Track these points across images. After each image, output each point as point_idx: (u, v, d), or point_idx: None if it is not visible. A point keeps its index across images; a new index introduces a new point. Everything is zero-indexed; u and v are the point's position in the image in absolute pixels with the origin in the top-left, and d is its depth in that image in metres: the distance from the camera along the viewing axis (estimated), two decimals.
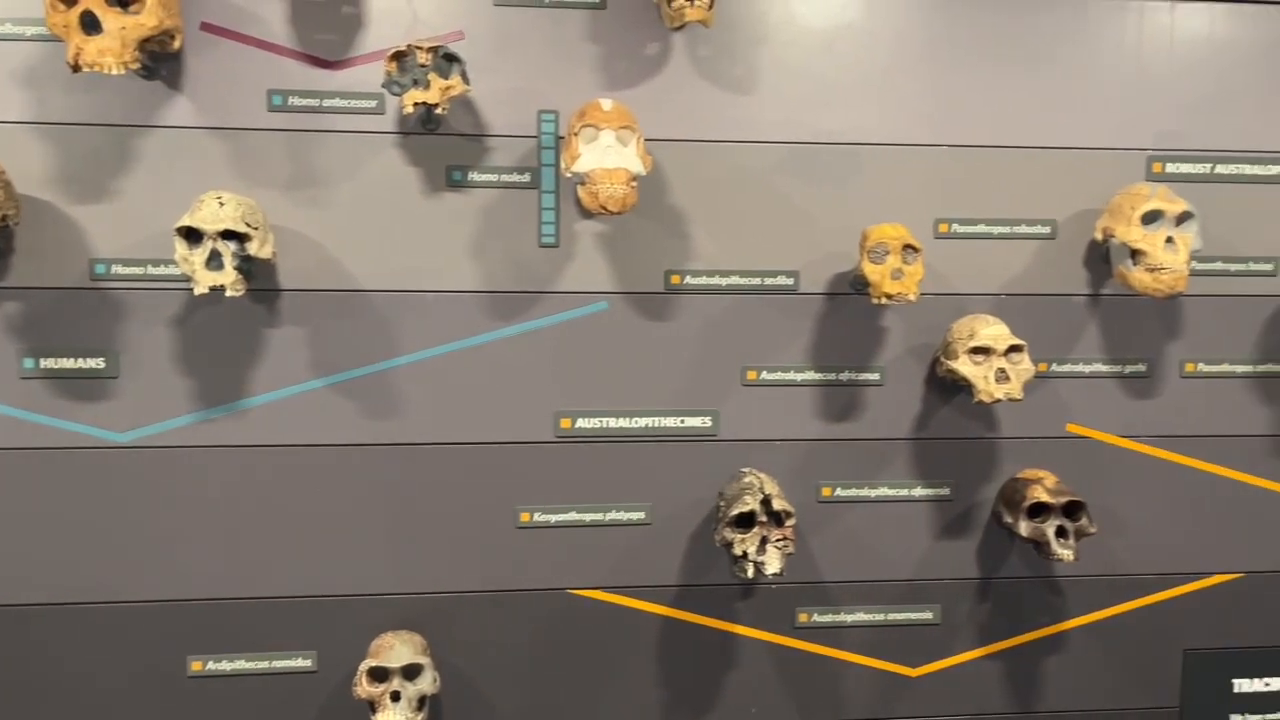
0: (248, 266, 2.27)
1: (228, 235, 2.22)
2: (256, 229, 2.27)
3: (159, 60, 2.35)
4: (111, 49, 2.11)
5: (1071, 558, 2.49)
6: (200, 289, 2.20)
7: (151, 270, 2.42)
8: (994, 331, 2.46)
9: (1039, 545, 2.54)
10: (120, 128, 2.39)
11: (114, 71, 2.11)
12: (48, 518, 2.47)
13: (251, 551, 2.55)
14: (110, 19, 2.11)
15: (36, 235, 2.39)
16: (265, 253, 2.30)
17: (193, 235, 2.22)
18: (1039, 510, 2.54)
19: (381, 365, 2.53)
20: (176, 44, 2.29)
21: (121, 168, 2.40)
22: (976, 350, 2.46)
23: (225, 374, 2.48)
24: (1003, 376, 2.43)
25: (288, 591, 2.57)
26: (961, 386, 2.55)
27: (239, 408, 2.49)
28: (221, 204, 2.23)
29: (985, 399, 2.43)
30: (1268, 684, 2.87)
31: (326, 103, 2.44)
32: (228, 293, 2.22)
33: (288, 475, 2.53)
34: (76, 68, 2.12)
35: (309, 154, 2.45)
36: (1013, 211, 2.65)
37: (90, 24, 2.12)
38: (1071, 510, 2.54)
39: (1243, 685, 2.87)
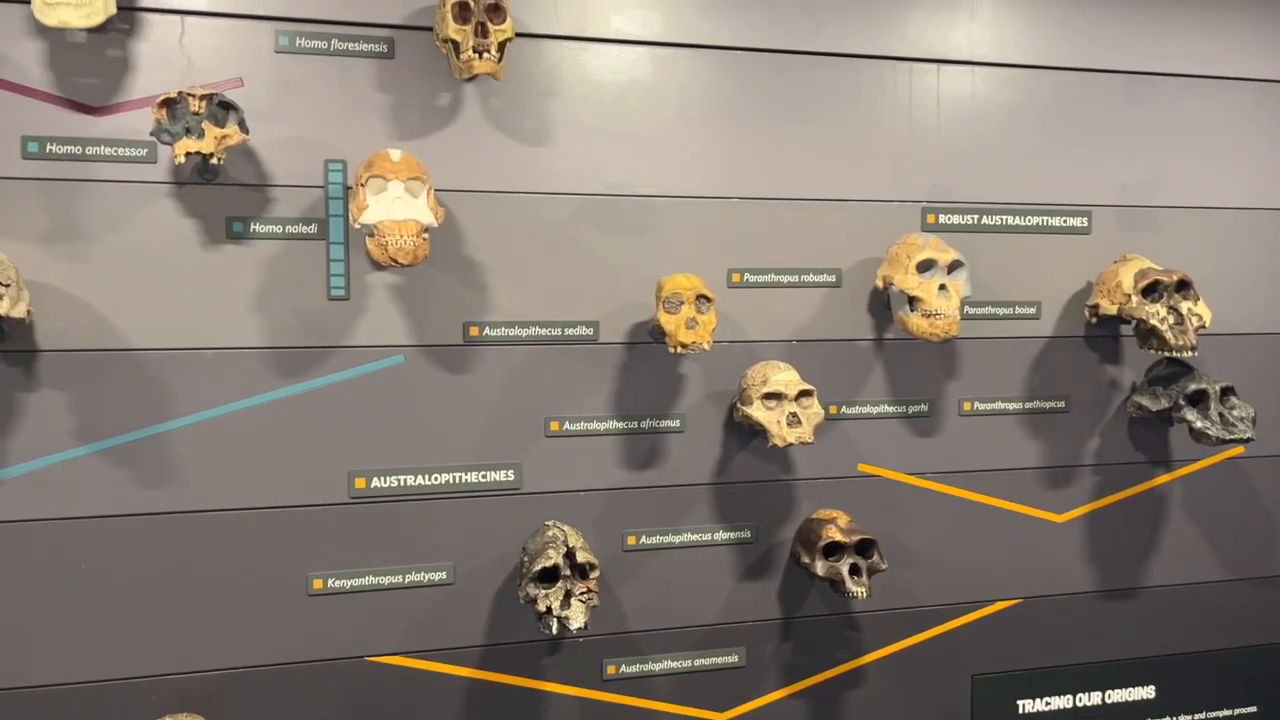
0: None
1: None
2: (7, 286, 2.09)
3: None
4: None
5: (865, 594, 2.57)
6: None
7: None
8: (785, 378, 2.53)
9: (835, 584, 2.61)
10: None
11: None
12: None
13: (12, 636, 2.31)
14: None
15: None
16: (18, 311, 2.11)
17: None
18: (834, 549, 2.62)
19: (156, 428, 2.37)
20: None
21: None
22: (769, 396, 2.53)
23: None
24: (794, 421, 2.51)
25: (55, 678, 2.34)
26: (758, 431, 2.61)
27: None
28: None
29: (779, 443, 2.49)
30: (1049, 703, 3.05)
31: (90, 150, 2.29)
32: None
33: (51, 551, 2.32)
34: None
35: (70, 205, 2.28)
36: (800, 261, 2.75)
37: None
38: (864, 548, 2.64)
39: (1026, 705, 3.03)
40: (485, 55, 2.31)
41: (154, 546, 2.39)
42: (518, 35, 2.42)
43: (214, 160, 2.19)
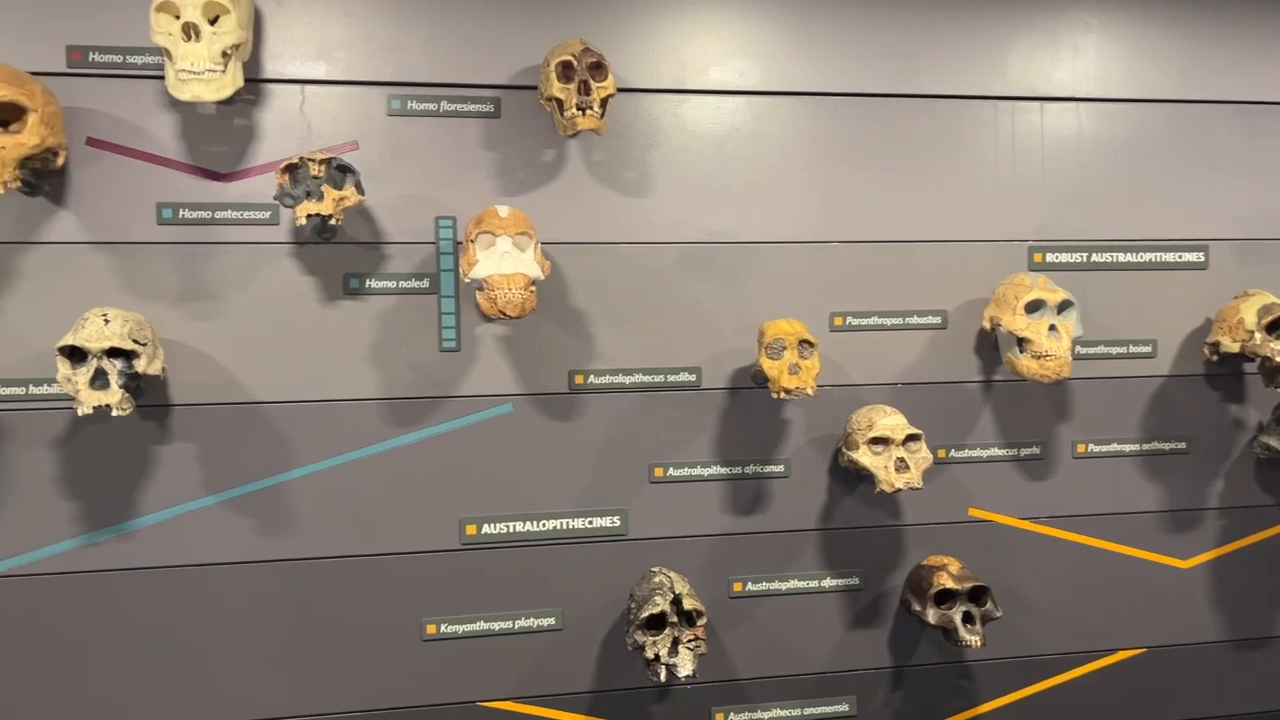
0: (136, 384, 2.20)
1: (114, 353, 2.16)
2: (145, 345, 2.22)
3: (41, 177, 2.31)
4: None
5: (979, 643, 2.51)
6: (85, 409, 2.13)
7: (33, 390, 2.34)
8: (891, 422, 2.51)
9: (947, 632, 2.56)
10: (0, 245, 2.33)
11: None
12: None
13: (143, 680, 2.42)
14: None
15: None
16: (154, 369, 2.24)
17: (76, 354, 2.15)
18: (945, 597, 2.57)
19: (278, 478, 2.47)
20: (60, 161, 2.25)
21: (0, 285, 2.33)
22: (876, 440, 2.50)
23: (112, 495, 2.39)
24: (902, 465, 2.47)
25: None
26: (864, 476, 2.59)
27: (127, 529, 2.40)
28: (107, 321, 2.17)
29: (886, 489, 2.46)
30: None
31: (218, 214, 2.42)
32: (114, 412, 2.14)
33: (180, 598, 2.43)
34: None
35: (201, 267, 2.41)
36: (904, 303, 2.73)
37: None
38: (976, 595, 2.58)
39: None
40: (588, 112, 2.37)
41: (276, 592, 2.48)
42: (619, 90, 2.48)
43: (333, 221, 2.29)
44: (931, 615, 2.56)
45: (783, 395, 2.43)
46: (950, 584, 2.56)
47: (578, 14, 2.56)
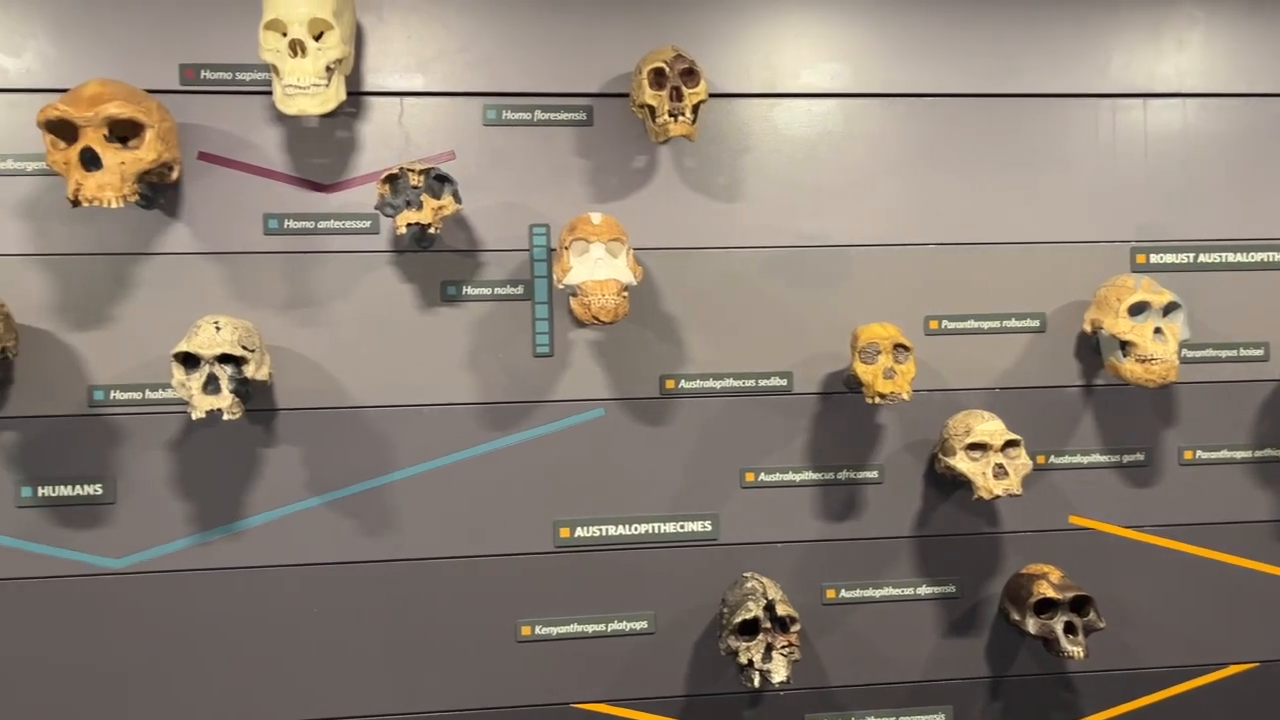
0: (245, 389, 2.28)
1: (225, 359, 2.24)
2: (253, 351, 2.29)
3: (157, 190, 2.41)
4: (111, 184, 2.16)
5: (1082, 654, 2.45)
6: (198, 414, 2.21)
7: (149, 395, 2.44)
8: (990, 427, 2.46)
9: (1048, 642, 2.50)
10: (118, 256, 2.43)
11: (113, 205, 2.16)
12: (44, 649, 2.44)
13: (250, 675, 2.51)
14: (110, 155, 2.17)
15: (35, 364, 2.41)
16: (262, 374, 2.31)
17: (190, 360, 2.24)
18: (1046, 606, 2.51)
19: (379, 481, 2.53)
20: (175, 175, 2.35)
21: (119, 295, 2.43)
22: (973, 446, 2.46)
23: (222, 496, 2.48)
24: (1001, 472, 2.43)
25: (286, 714, 2.52)
26: (961, 482, 2.55)
27: (236, 529, 2.48)
28: (218, 328, 2.25)
29: (985, 495, 2.42)
30: None
31: (321, 224, 2.49)
32: (225, 416, 2.22)
33: (285, 596, 2.51)
34: (76, 203, 2.16)
35: (305, 275, 2.49)
36: (1001, 306, 2.68)
37: (90, 160, 2.17)
38: (1079, 605, 2.51)
39: None
40: (680, 118, 2.38)
41: (376, 592, 2.54)
42: (710, 96, 2.49)
43: (431, 229, 2.34)
44: (1031, 625, 2.51)
45: (877, 400, 2.41)
46: (1051, 593, 2.50)
47: (669, 21, 2.58)
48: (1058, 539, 2.70)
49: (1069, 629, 2.48)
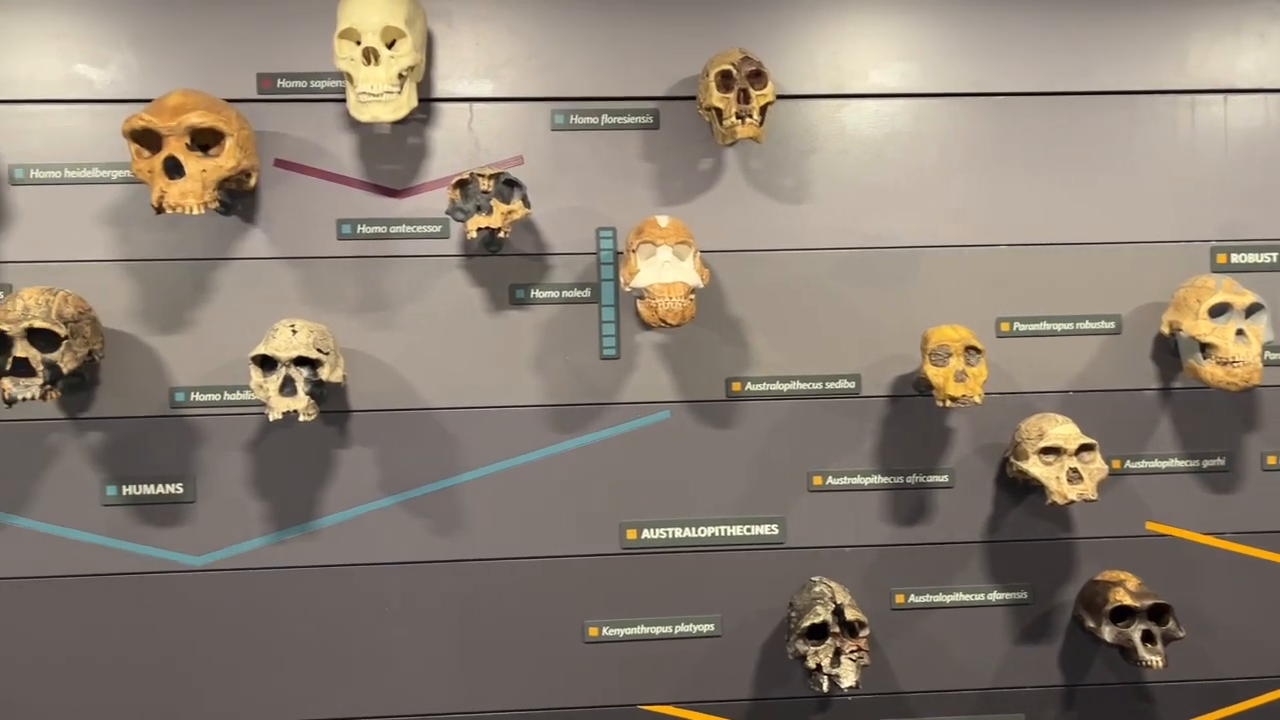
0: (320, 391, 2.32)
1: (300, 361, 2.29)
2: (327, 354, 2.34)
3: (235, 197, 2.47)
4: (193, 191, 2.22)
5: (1160, 664, 2.39)
6: (275, 415, 2.26)
7: (228, 397, 2.50)
8: (1064, 431, 2.42)
9: (1125, 651, 2.44)
10: (197, 261, 2.50)
11: (195, 212, 2.22)
12: (126, 643, 2.51)
13: (321, 671, 2.56)
14: (191, 163, 2.23)
15: (119, 366, 2.48)
16: (336, 377, 2.36)
17: (267, 363, 2.29)
18: (1123, 614, 2.46)
19: (449, 481, 2.56)
20: (253, 182, 2.41)
21: (199, 299, 2.50)
22: (1047, 450, 2.42)
23: (297, 495, 2.53)
24: (1075, 476, 2.38)
25: (357, 709, 2.57)
26: (1033, 487, 2.51)
27: (310, 528, 2.54)
28: (294, 332, 2.30)
29: (1059, 500, 2.37)
30: None
31: (393, 229, 2.53)
32: (301, 417, 2.27)
33: (357, 594, 2.55)
34: (160, 209, 2.22)
35: (376, 279, 2.53)
36: (1075, 308, 2.63)
37: (172, 168, 2.23)
38: (1157, 613, 2.45)
39: None
40: (748, 120, 2.38)
41: (445, 591, 2.57)
42: (777, 97, 2.48)
43: (501, 234, 2.36)
44: (1108, 633, 2.46)
45: (948, 403, 2.38)
46: (1128, 601, 2.44)
47: (735, 23, 2.58)
48: (1134, 545, 2.64)
49: (1147, 638, 2.42)
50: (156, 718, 2.53)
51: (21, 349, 2.20)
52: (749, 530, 2.62)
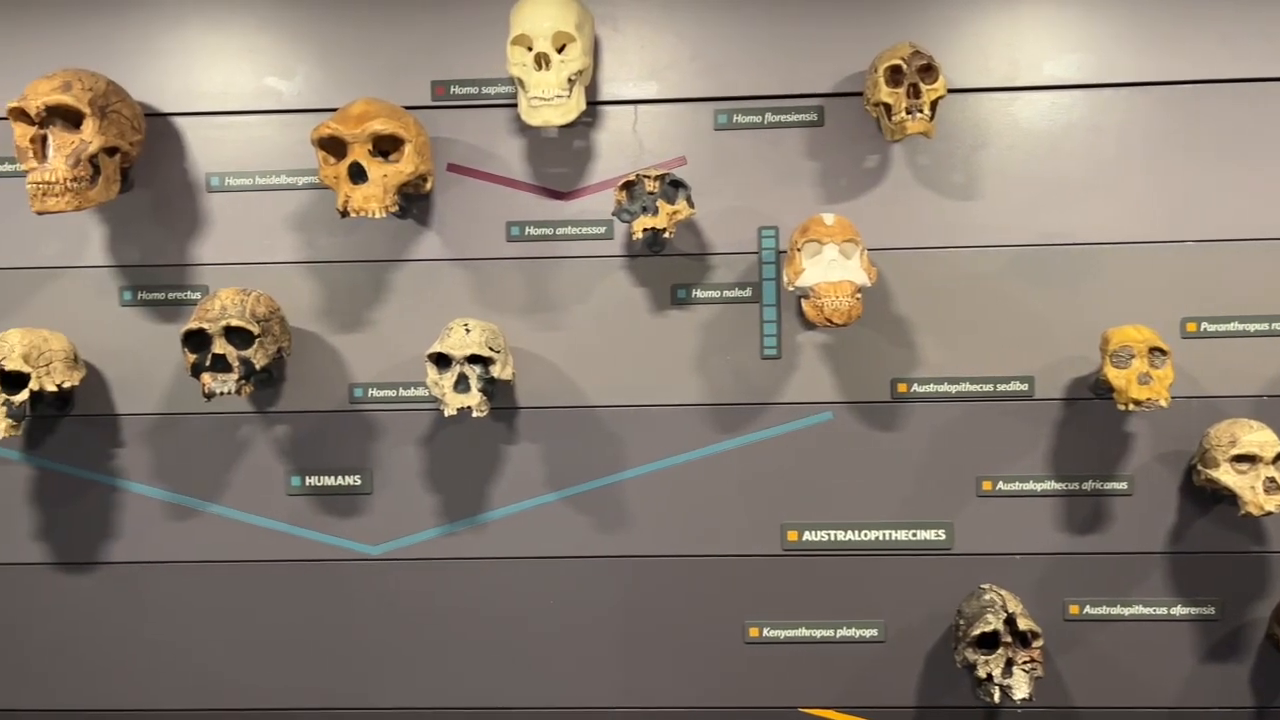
0: (491, 388, 2.39)
1: (473, 359, 2.36)
2: (499, 353, 2.41)
3: (411, 201, 2.56)
4: (375, 195, 2.32)
5: None
6: (450, 410, 2.34)
7: (403, 393, 2.60)
8: (1259, 438, 2.28)
9: None
10: (376, 263, 2.61)
11: (378, 215, 2.32)
12: (306, 627, 2.64)
13: (487, 660, 2.63)
14: (374, 169, 2.33)
15: (304, 363, 2.61)
16: (506, 374, 2.42)
17: (442, 360, 2.37)
18: None
19: (611, 478, 2.60)
20: (428, 186, 2.50)
21: (377, 299, 2.61)
22: (1240, 458, 2.29)
23: (468, 489, 2.61)
24: (1273, 486, 2.24)
25: (518, 701, 2.64)
26: (1223, 496, 2.37)
27: (479, 521, 2.61)
28: (468, 330, 2.38)
29: (1254, 511, 2.24)
30: None
31: (559, 231, 2.58)
32: (474, 413, 2.34)
33: (523, 587, 2.62)
34: (345, 213, 2.33)
35: (544, 280, 2.59)
36: (1270, 307, 2.47)
37: (356, 173, 2.34)
38: None
39: None
40: (918, 115, 2.33)
41: (608, 586, 2.61)
42: (947, 91, 2.42)
43: (666, 234, 2.38)
44: None
45: (1131, 407, 2.27)
46: None
47: (902, 16, 2.53)
48: None
49: None
50: (327, 695, 2.66)
51: (219, 346, 2.34)
52: (914, 535, 2.56)
